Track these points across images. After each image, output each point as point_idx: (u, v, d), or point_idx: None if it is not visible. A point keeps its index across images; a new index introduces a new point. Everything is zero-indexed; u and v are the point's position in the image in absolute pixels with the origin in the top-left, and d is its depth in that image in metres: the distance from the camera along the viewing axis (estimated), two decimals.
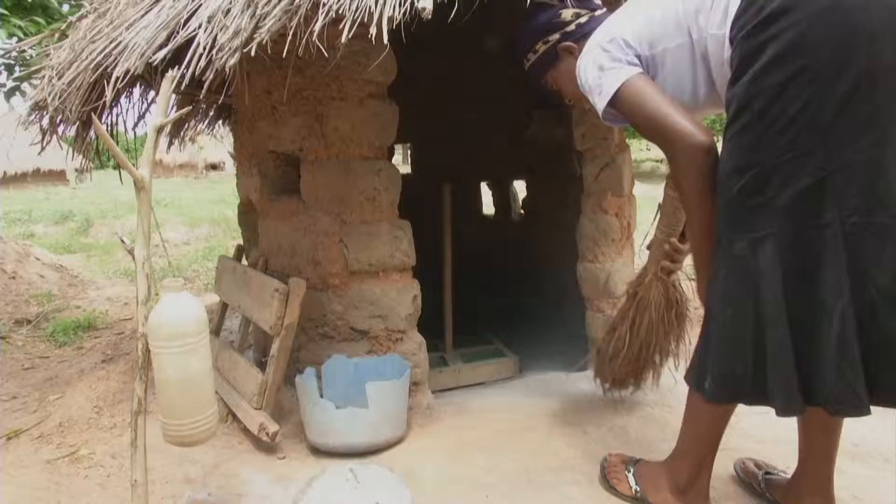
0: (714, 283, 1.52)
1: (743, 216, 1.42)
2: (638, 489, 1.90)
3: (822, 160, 1.31)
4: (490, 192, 5.46)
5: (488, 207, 5.65)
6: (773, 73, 1.33)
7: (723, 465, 2.07)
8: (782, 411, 1.39)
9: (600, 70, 1.66)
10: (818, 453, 1.72)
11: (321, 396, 2.30)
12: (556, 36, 1.95)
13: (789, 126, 1.33)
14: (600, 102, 1.67)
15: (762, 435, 2.29)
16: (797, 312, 1.36)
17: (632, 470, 1.97)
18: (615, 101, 1.64)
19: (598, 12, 1.95)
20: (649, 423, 2.43)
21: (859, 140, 1.30)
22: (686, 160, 1.50)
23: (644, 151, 25.68)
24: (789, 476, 1.87)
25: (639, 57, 1.64)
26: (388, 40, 1.74)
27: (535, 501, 1.96)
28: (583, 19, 1.93)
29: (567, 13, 1.94)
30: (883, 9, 1.28)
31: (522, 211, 5.04)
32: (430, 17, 1.73)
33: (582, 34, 1.88)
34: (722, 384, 1.51)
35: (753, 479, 1.95)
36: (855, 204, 1.31)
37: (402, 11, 1.76)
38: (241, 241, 3.59)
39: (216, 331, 3.09)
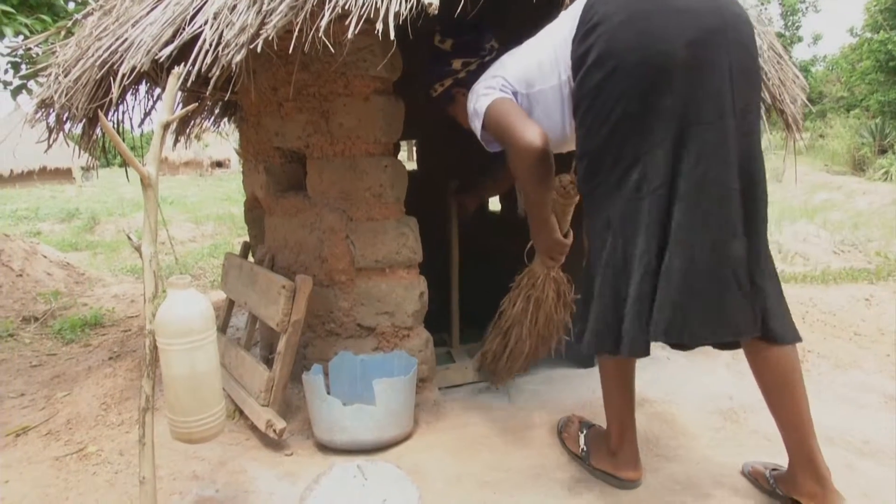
0: (586, 256, 1.83)
1: (590, 196, 1.75)
2: (585, 449, 2.13)
3: (636, 145, 1.60)
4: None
5: (494, 204, 5.64)
6: (593, 76, 1.62)
7: (733, 462, 2.07)
8: (628, 352, 1.66)
9: (479, 97, 1.94)
10: (795, 441, 1.77)
11: (328, 393, 2.30)
12: (450, 81, 2.25)
13: (608, 119, 1.61)
14: (477, 123, 1.95)
15: (773, 432, 2.28)
16: (625, 271, 1.65)
17: (585, 432, 2.20)
18: (485, 119, 1.90)
19: (487, 58, 2.17)
20: (655, 420, 2.42)
21: (663, 126, 1.56)
22: (520, 157, 1.80)
23: None
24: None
25: (516, 94, 1.91)
26: (395, 36, 1.74)
27: (542, 498, 1.95)
28: (472, 67, 2.19)
29: (457, 63, 2.21)
30: (674, 15, 1.55)
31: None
32: (436, 12, 1.72)
33: (472, 80, 2.09)
34: (592, 337, 1.76)
35: (761, 478, 1.95)
36: (662, 176, 1.58)
37: (408, 7, 1.75)
38: (247, 238, 3.59)
39: (223, 328, 3.10)
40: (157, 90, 2.93)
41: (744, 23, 1.62)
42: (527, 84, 1.88)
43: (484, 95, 1.92)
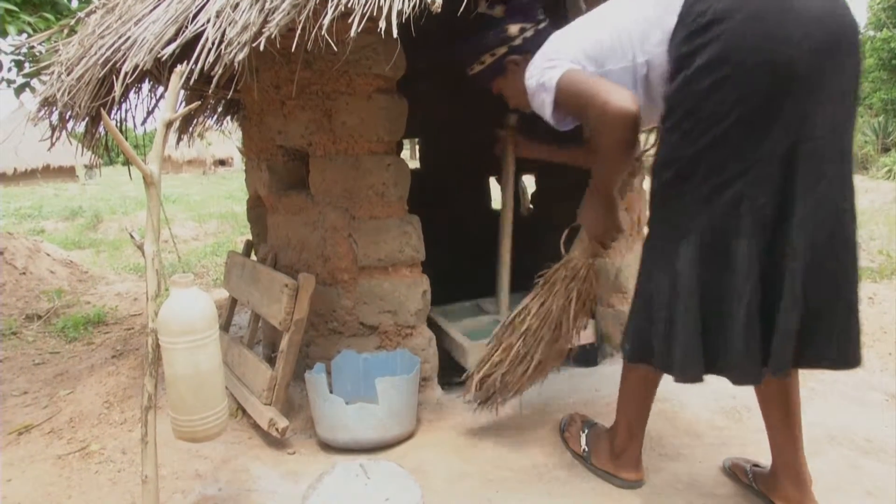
0: (643, 261, 1.72)
1: (669, 203, 1.60)
2: (586, 449, 2.10)
3: (740, 157, 1.47)
4: (499, 187, 5.44)
5: (497, 202, 5.64)
6: (702, 78, 1.46)
7: (713, 460, 2.06)
8: (682, 377, 1.58)
9: (543, 70, 1.76)
10: (782, 444, 1.79)
11: (331, 392, 2.30)
12: (504, 49, 2.04)
13: (713, 125, 1.47)
14: (546, 97, 1.75)
15: None
16: (709, 291, 1.53)
17: (586, 431, 2.16)
18: (557, 93, 1.72)
19: (542, 25, 2.03)
20: (659, 418, 2.41)
21: (774, 138, 1.44)
22: (609, 124, 1.59)
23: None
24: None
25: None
26: (397, 34, 1.73)
27: (545, 497, 1.95)
28: (528, 33, 2.01)
29: (513, 28, 2.01)
30: (801, 20, 1.41)
31: (532, 206, 5.02)
32: (439, 10, 1.71)
33: (528, 48, 1.94)
34: (638, 346, 1.71)
35: (741, 472, 1.97)
36: (769, 196, 1.46)
37: (411, 5, 1.75)
38: (249, 237, 3.59)
39: (225, 326, 3.10)
40: (160, 88, 2.93)
41: (856, 32, 1.50)
42: (595, 62, 1.71)
43: (551, 68, 1.73)
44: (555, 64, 1.73)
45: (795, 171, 1.45)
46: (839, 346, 1.51)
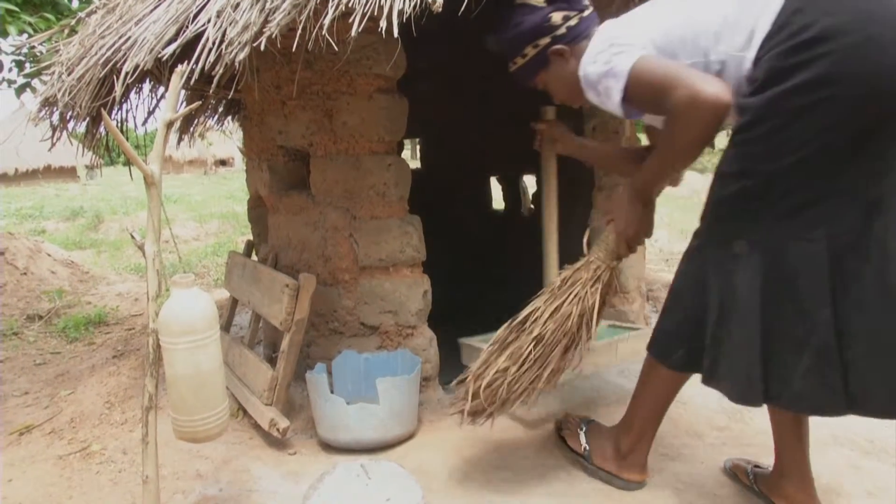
0: (689, 267, 1.67)
1: (736, 215, 1.52)
2: (587, 448, 2.06)
3: (826, 182, 1.40)
4: (500, 187, 5.45)
5: (498, 202, 5.64)
6: (799, 97, 1.37)
7: (715, 460, 2.06)
8: (739, 399, 1.57)
9: (613, 56, 1.61)
10: (789, 445, 1.77)
11: (331, 392, 2.30)
12: (547, 40, 1.85)
13: (802, 146, 1.39)
14: (616, 85, 1.60)
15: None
16: (772, 315, 1.47)
17: (584, 428, 2.13)
18: (630, 81, 1.57)
19: (587, 13, 1.87)
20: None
21: (865, 169, 1.39)
22: (698, 115, 1.46)
23: None
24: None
25: None
26: (398, 34, 1.73)
27: (546, 497, 1.95)
28: (572, 21, 1.84)
29: (557, 16, 1.84)
30: None
31: (532, 206, 5.02)
32: (440, 10, 1.71)
33: (573, 37, 1.82)
34: (685, 355, 1.69)
35: (742, 473, 1.96)
36: (849, 226, 1.40)
37: (412, 5, 1.75)
38: (250, 237, 3.59)
39: (226, 326, 3.10)
40: (161, 88, 2.93)
41: None
42: (664, 52, 1.58)
43: (619, 53, 1.59)
44: (624, 49, 1.59)
45: (879, 207, 1.40)
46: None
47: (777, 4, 1.42)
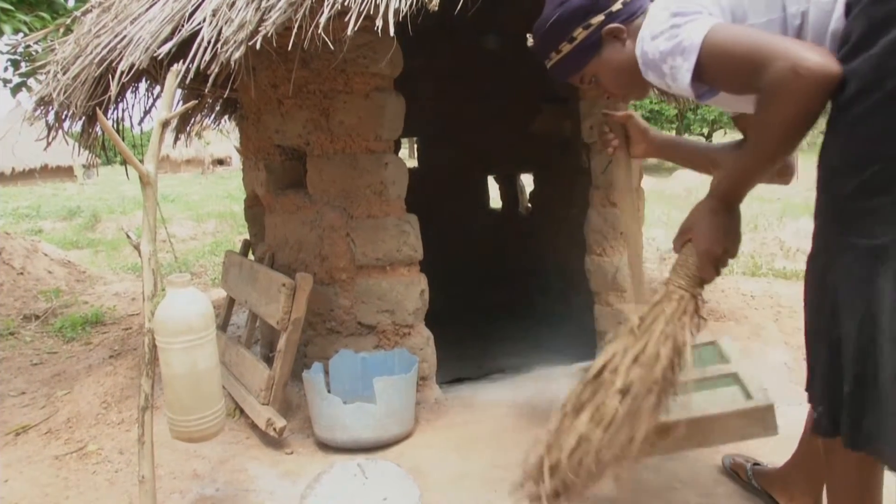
0: (818, 295, 1.28)
1: (859, 219, 1.16)
2: None
3: None
4: (497, 186, 5.45)
5: (495, 201, 5.64)
6: None
7: (713, 459, 2.06)
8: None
9: (676, 28, 1.32)
10: (816, 446, 1.59)
11: (328, 391, 2.30)
12: (601, 18, 1.52)
13: None
14: (685, 62, 1.30)
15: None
16: None
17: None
18: (704, 54, 1.28)
19: None
20: None
21: None
22: (800, 89, 1.16)
23: None
24: (778, 466, 1.87)
25: None
26: (394, 33, 1.72)
27: None
28: None
29: None
30: None
31: (530, 204, 5.02)
32: (436, 9, 1.71)
33: (629, 13, 1.52)
34: (826, 414, 1.26)
35: (740, 469, 1.95)
36: None
37: (408, 3, 1.75)
38: (247, 236, 3.59)
39: (223, 326, 3.09)
40: (157, 87, 2.92)
41: None
42: (733, 15, 1.34)
43: (685, 23, 1.30)
44: (691, 18, 1.31)
45: None
46: None
47: None
